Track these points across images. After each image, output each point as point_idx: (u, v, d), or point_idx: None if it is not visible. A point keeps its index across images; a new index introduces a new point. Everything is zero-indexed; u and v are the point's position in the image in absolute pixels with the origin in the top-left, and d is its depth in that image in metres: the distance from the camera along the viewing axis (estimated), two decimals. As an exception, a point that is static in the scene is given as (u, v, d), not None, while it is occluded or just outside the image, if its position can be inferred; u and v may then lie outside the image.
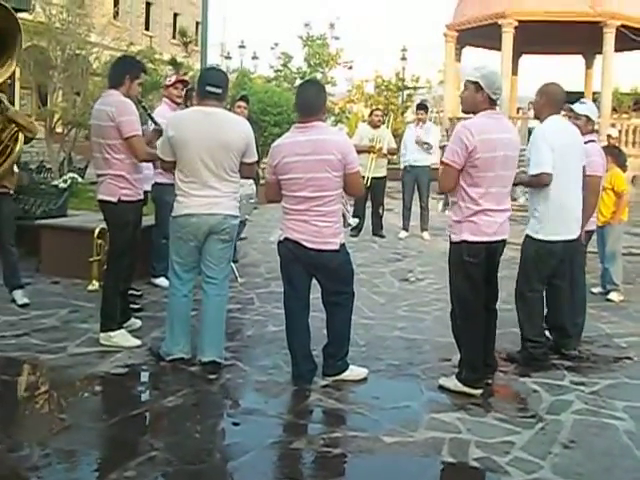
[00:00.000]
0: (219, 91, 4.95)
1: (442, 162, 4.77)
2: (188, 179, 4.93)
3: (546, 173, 5.17)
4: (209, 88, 4.93)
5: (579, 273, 5.97)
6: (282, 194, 4.81)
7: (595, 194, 5.87)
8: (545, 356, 5.41)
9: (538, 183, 5.26)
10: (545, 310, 5.62)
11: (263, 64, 34.23)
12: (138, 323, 5.87)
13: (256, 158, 5.13)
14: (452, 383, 4.79)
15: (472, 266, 4.67)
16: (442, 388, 4.81)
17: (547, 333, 5.67)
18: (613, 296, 7.66)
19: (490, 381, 4.91)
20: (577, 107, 5.93)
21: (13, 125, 6.06)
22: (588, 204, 5.65)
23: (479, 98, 4.67)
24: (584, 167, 5.48)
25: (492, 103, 4.68)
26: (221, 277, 5.08)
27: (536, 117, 5.63)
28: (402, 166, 11.94)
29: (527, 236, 5.46)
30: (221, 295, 5.11)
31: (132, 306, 6.18)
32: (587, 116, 5.92)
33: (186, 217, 4.93)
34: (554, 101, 5.41)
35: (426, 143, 11.31)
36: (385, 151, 11.52)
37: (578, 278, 5.95)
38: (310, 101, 4.78)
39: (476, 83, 4.65)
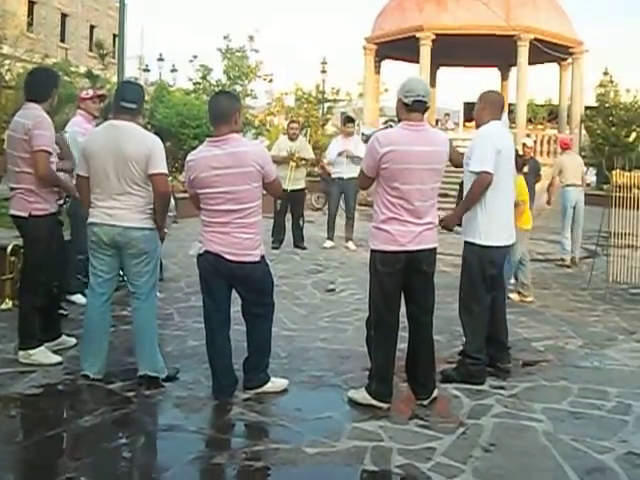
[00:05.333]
0: (133, 106, 4.95)
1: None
2: (96, 190, 4.95)
3: (488, 172, 5.07)
4: (123, 104, 4.96)
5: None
6: (201, 207, 4.76)
7: None
8: (482, 374, 5.29)
9: (480, 184, 5.10)
10: None
11: (182, 76, 34.01)
12: (72, 341, 5.70)
13: (161, 170, 4.90)
14: (360, 395, 4.75)
15: (386, 276, 4.63)
16: (351, 401, 4.78)
17: None
18: (513, 295, 7.86)
19: (425, 403, 4.78)
20: None
21: None
22: None
23: (397, 106, 4.67)
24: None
25: (409, 110, 4.56)
26: (143, 291, 5.01)
27: (476, 124, 5.51)
28: (334, 177, 11.98)
29: (467, 243, 5.33)
30: (144, 308, 5.03)
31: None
32: None
33: (90, 226, 4.96)
34: (494, 107, 5.41)
35: (357, 157, 11.28)
36: (304, 160, 11.56)
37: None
38: (221, 110, 4.72)
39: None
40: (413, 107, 4.57)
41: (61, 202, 5.58)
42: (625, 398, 4.97)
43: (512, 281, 8.26)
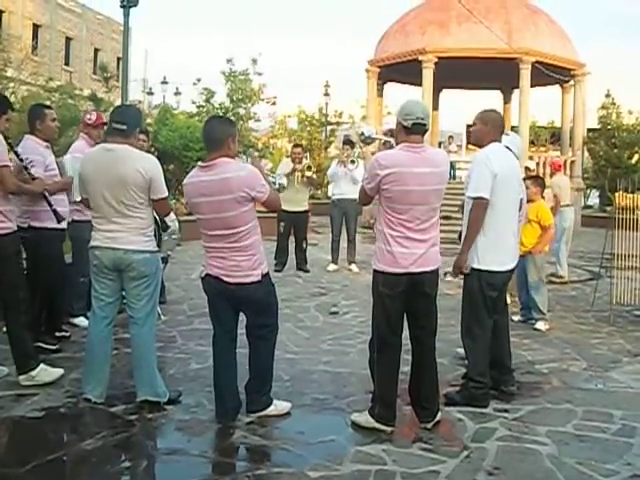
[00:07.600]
0: (123, 127, 4.96)
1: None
2: (96, 214, 4.99)
3: (483, 198, 5.09)
4: (113, 125, 5.02)
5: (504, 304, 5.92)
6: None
7: None
8: (486, 397, 5.25)
9: (478, 211, 5.13)
10: None
11: (186, 99, 34.07)
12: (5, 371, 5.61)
13: (164, 194, 4.97)
14: (364, 419, 4.72)
15: (388, 298, 4.61)
16: (354, 424, 4.75)
17: None
18: (540, 325, 7.77)
19: (429, 426, 4.74)
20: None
21: None
22: None
23: (397, 129, 4.68)
24: (521, 199, 5.55)
25: (408, 132, 4.57)
26: (141, 315, 4.99)
27: (475, 144, 5.52)
28: (333, 199, 12.14)
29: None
30: (142, 334, 5.01)
31: (49, 347, 6.11)
32: (507, 147, 5.94)
33: (92, 249, 4.99)
34: (496, 128, 5.35)
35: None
36: (308, 173, 11.64)
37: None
38: (213, 135, 4.66)
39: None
40: (412, 130, 4.58)
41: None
42: (630, 420, 4.95)
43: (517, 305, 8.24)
